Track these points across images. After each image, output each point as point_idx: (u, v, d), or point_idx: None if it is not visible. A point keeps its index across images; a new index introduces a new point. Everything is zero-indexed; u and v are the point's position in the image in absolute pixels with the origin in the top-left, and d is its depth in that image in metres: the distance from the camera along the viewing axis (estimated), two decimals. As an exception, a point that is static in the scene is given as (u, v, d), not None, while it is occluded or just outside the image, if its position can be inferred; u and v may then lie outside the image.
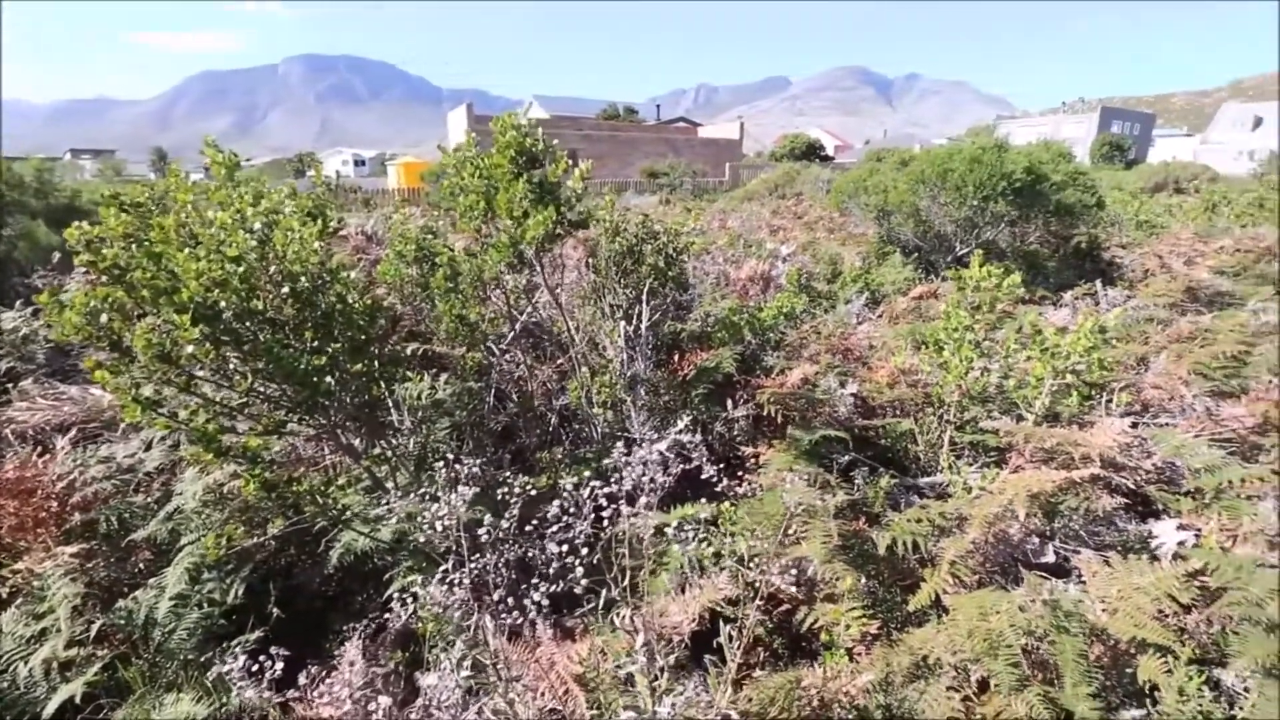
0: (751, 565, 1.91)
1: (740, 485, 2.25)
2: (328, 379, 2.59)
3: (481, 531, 1.66)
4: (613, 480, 1.67)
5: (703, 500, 2.63)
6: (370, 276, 4.14)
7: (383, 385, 2.99)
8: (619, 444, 1.88)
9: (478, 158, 3.01)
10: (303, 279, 2.71)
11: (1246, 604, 1.98)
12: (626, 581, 1.58)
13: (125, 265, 2.10)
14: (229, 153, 2.85)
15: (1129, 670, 2.16)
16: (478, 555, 1.80)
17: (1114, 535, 2.70)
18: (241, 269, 2.55)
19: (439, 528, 1.57)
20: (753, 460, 3.36)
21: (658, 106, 55.25)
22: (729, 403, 3.83)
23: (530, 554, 1.65)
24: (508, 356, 3.61)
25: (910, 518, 2.69)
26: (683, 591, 2.34)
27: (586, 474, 1.74)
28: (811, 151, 41.48)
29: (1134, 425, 3.26)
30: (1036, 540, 2.62)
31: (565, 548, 1.53)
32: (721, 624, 1.75)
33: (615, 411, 3.43)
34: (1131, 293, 6.37)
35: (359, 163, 68.48)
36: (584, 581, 1.47)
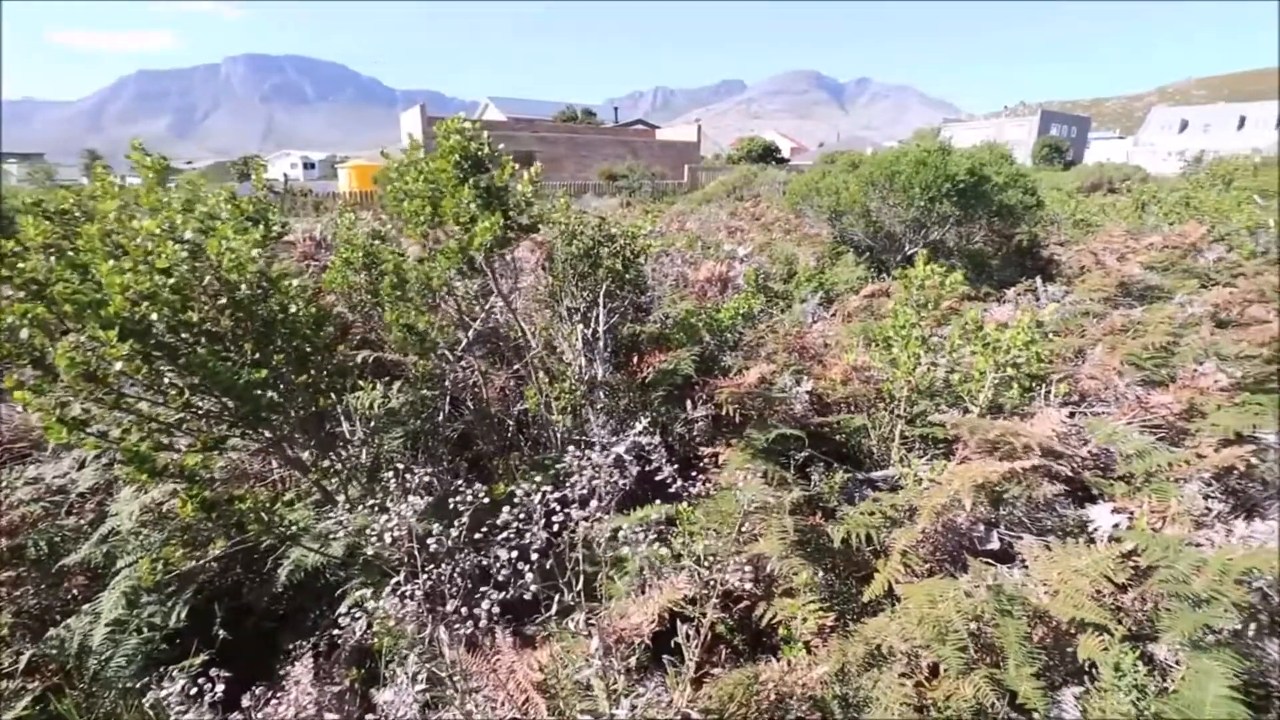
0: (709, 564, 1.93)
1: (697, 485, 2.27)
2: (270, 391, 2.50)
3: (432, 541, 1.62)
4: (566, 486, 1.66)
5: (658, 502, 2.64)
6: (319, 284, 4.03)
7: (331, 396, 2.91)
8: (571, 449, 1.87)
9: (422, 162, 2.96)
10: (242, 288, 2.62)
11: (1174, 581, 2.08)
12: (580, 585, 1.57)
13: (45, 279, 1.99)
14: (157, 156, 2.73)
15: (1070, 649, 2.25)
16: (431, 566, 1.77)
17: (1054, 520, 2.82)
18: (172, 280, 2.45)
19: (388, 540, 1.53)
20: (711, 460, 3.39)
21: (615, 109, 55.33)
22: (688, 404, 3.86)
23: (485, 563, 1.62)
24: (463, 363, 3.55)
25: (863, 510, 2.76)
26: (643, 593, 2.35)
27: (539, 479, 1.72)
28: (768, 154, 42.18)
29: (1071, 415, 3.41)
30: (982, 528, 2.71)
31: (515, 554, 1.51)
32: (679, 624, 1.76)
33: (574, 416, 3.41)
34: (1069, 288, 6.66)
35: (309, 165, 66.44)
36: (534, 588, 1.46)
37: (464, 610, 1.49)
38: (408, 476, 1.74)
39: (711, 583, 1.74)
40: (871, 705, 2.00)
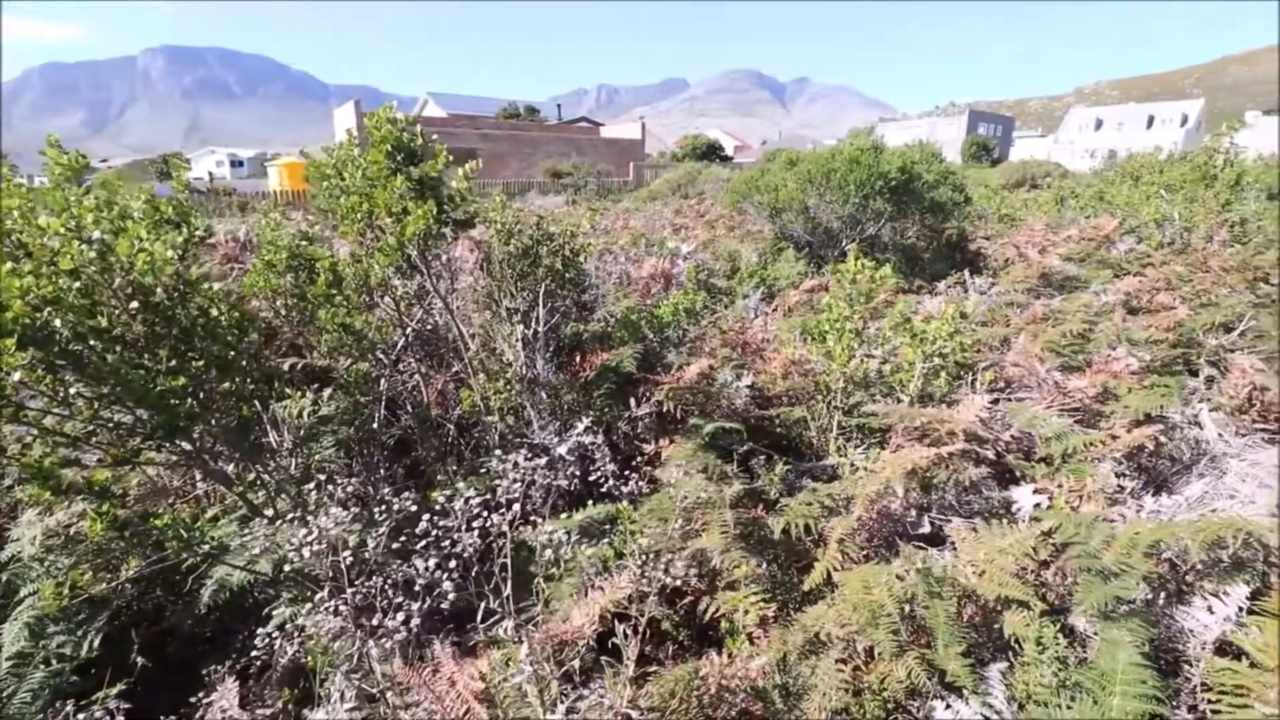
0: (650, 562, 1.93)
1: (630, 484, 2.26)
2: (189, 401, 2.36)
3: (357, 552, 1.56)
4: (498, 490, 1.63)
5: (591, 502, 2.63)
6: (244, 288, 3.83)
7: (256, 404, 2.77)
8: (498, 452, 1.83)
9: (361, 157, 2.86)
10: (158, 291, 2.47)
11: (1086, 556, 2.21)
12: (509, 591, 1.54)
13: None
14: (75, 154, 2.54)
15: (997, 626, 2.36)
16: (360, 578, 1.71)
17: (982, 503, 2.95)
18: (79, 284, 2.29)
19: (306, 554, 1.47)
20: (655, 456, 3.40)
21: (559, 106, 54.81)
22: (632, 401, 3.86)
23: (414, 573, 1.57)
24: (400, 366, 3.45)
25: (802, 501, 2.82)
26: (586, 594, 2.33)
27: (462, 485, 1.68)
28: (712, 151, 42.63)
29: (996, 401, 3.58)
30: (915, 513, 2.81)
31: (434, 563, 1.47)
32: (616, 624, 1.75)
33: (516, 417, 3.36)
34: (995, 280, 6.99)
35: (236, 163, 63.17)
36: (452, 596, 1.42)
37: (392, 623, 1.44)
38: (331, 487, 1.66)
39: (650, 580, 1.74)
40: (811, 692, 2.05)
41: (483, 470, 2.36)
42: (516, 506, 1.57)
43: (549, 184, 24.62)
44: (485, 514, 1.57)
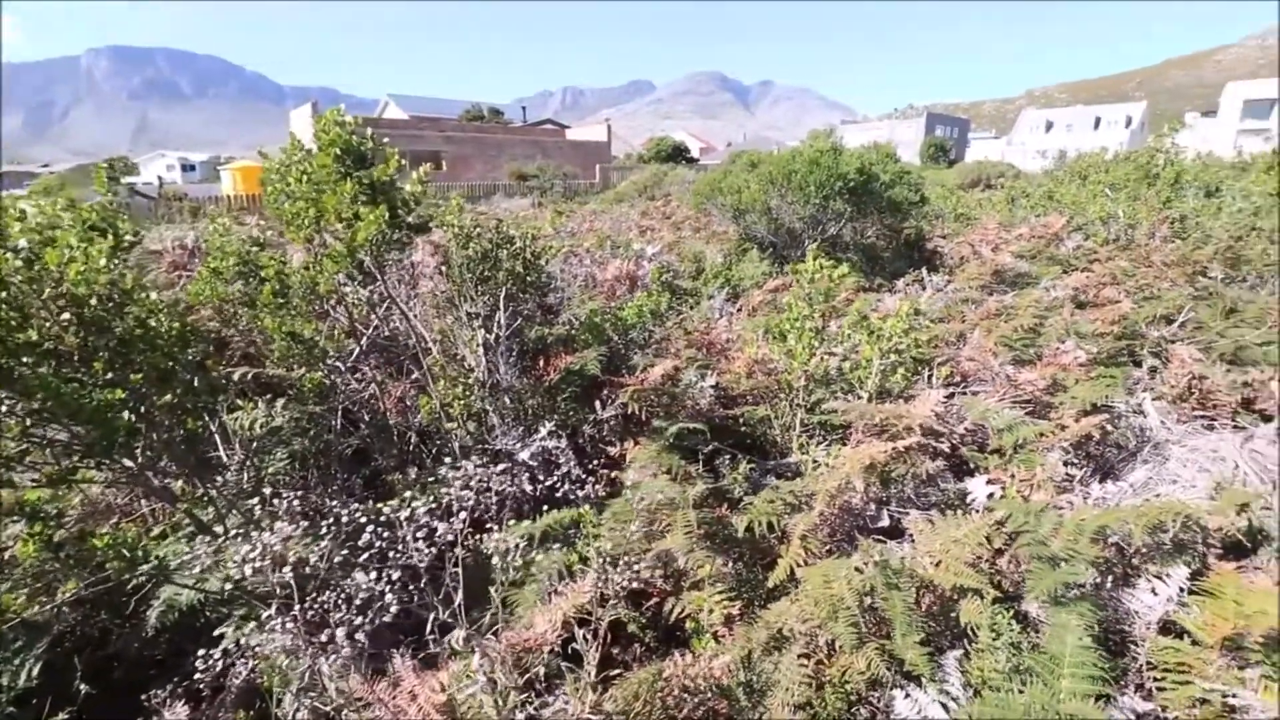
0: (614, 564, 1.92)
1: (587, 488, 2.25)
2: (128, 415, 2.27)
3: (309, 567, 1.52)
4: (448, 499, 1.60)
5: (548, 507, 2.61)
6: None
7: (204, 417, 2.68)
8: (447, 460, 1.80)
9: (303, 161, 2.79)
10: (92, 302, 2.37)
11: (1035, 544, 2.28)
12: (460, 599, 1.51)
13: None
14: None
15: (954, 614, 2.42)
16: (313, 593, 1.66)
17: (938, 495, 3.02)
18: (5, 295, 2.18)
19: (248, 571, 1.42)
20: (620, 459, 3.39)
21: (523, 108, 54.43)
22: (598, 404, 3.85)
23: (366, 586, 1.53)
24: (357, 374, 3.37)
25: (765, 499, 2.84)
26: (549, 600, 2.31)
27: (409, 494, 1.65)
28: (678, 153, 42.88)
29: (951, 395, 3.67)
30: (874, 507, 2.86)
31: (374, 576, 1.44)
32: (576, 629, 1.74)
33: (478, 423, 3.32)
34: (951, 277, 7.17)
35: (188, 167, 61.02)
36: (394, 609, 1.39)
37: (339, 638, 1.41)
38: (276, 501, 1.61)
39: (611, 583, 1.73)
40: (774, 688, 2.06)
41: (432, 480, 2.31)
42: (464, 515, 1.54)
43: (514, 186, 24.43)
44: (434, 524, 1.54)
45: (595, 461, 3.16)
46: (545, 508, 2.63)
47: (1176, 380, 4.24)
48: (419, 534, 1.53)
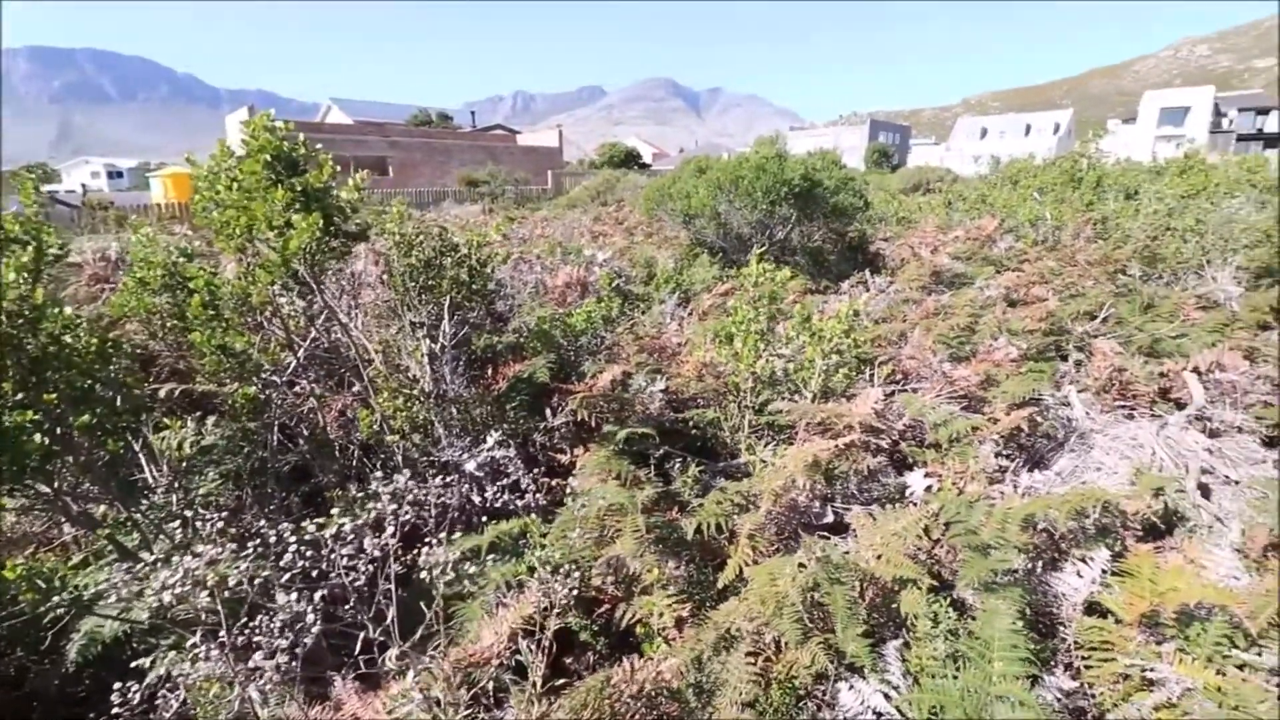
0: (555, 573, 1.91)
1: (527, 497, 2.24)
2: (41, 438, 2.14)
3: (237, 590, 1.46)
4: (376, 514, 1.56)
5: (486, 518, 2.57)
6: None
7: (128, 438, 2.55)
8: (378, 475, 1.76)
9: (233, 167, 2.69)
10: (-1, 320, 2.23)
11: (967, 534, 2.37)
12: (393, 616, 1.48)
13: None
14: None
15: (895, 605, 2.49)
16: (243, 618, 1.59)
17: (880, 489, 3.12)
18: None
19: (168, 598, 1.35)
20: (571, 465, 3.38)
21: (473, 113, 53.68)
22: (548, 411, 3.83)
23: (299, 609, 1.48)
24: (295, 388, 3.26)
25: (713, 500, 2.87)
26: (496, 613, 2.28)
27: (335, 512, 1.60)
28: (630, 159, 43.08)
29: (891, 393, 3.79)
30: (819, 504, 2.93)
31: (295, 596, 1.39)
32: (521, 640, 1.72)
33: (425, 434, 3.25)
34: (893, 279, 7.42)
35: (115, 174, 57.78)
36: (315, 630, 1.35)
37: (264, 663, 1.35)
38: (200, 524, 1.55)
39: (554, 593, 1.72)
40: (723, 688, 2.09)
41: (363, 495, 2.24)
42: (392, 530, 1.51)
43: (464, 192, 24.07)
44: (364, 540, 1.50)
45: (540, 469, 3.13)
46: (490, 519, 2.60)
47: (1099, 373, 4.49)
48: (344, 551, 1.49)
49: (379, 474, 1.81)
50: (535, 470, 3.42)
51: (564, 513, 2.71)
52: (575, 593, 2.45)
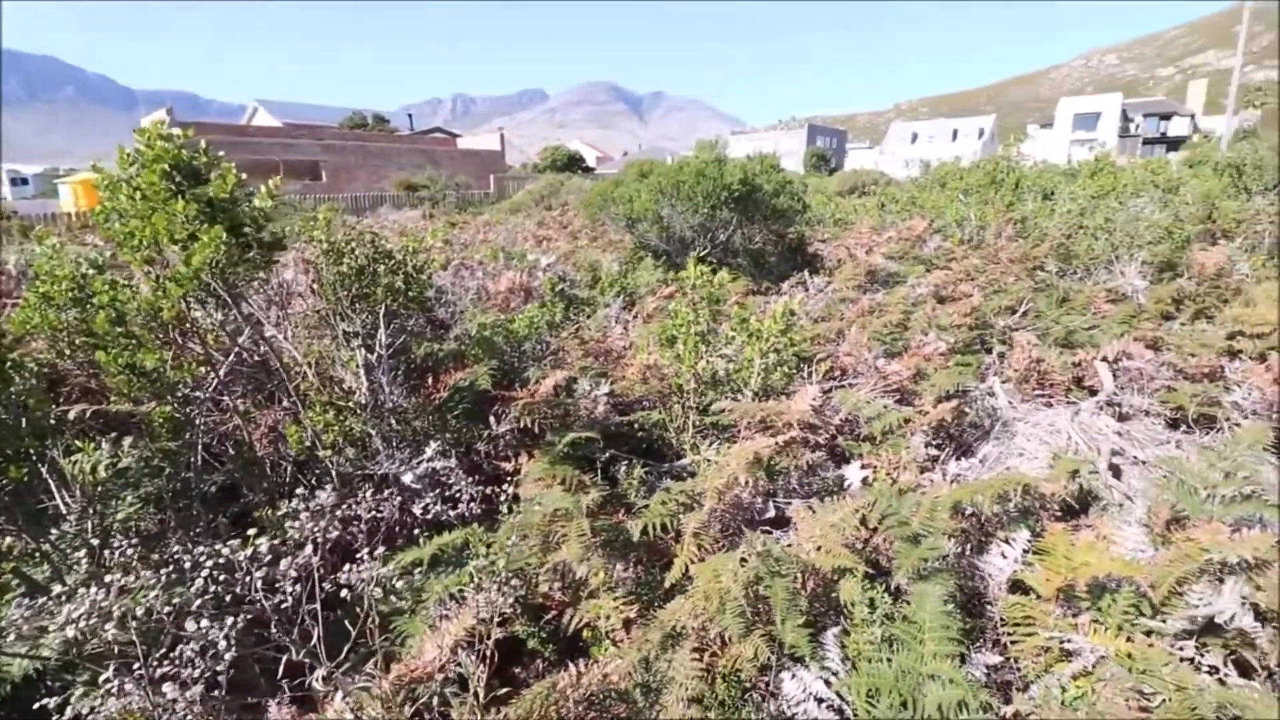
0: (495, 583, 1.89)
1: (461, 506, 2.21)
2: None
3: (146, 622, 1.39)
4: (305, 532, 1.51)
5: (417, 532, 2.54)
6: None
7: (34, 463, 2.38)
8: (299, 491, 1.71)
9: (134, 176, 2.55)
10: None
11: (899, 523, 2.48)
12: (318, 637, 1.44)
13: None
14: None
15: (834, 595, 2.58)
16: (165, 650, 1.52)
17: (820, 483, 3.21)
18: None
19: (71, 633, 1.27)
20: (516, 473, 3.35)
21: (410, 116, 52.42)
22: (491, 419, 3.78)
23: (215, 636, 1.42)
24: (220, 405, 3.11)
25: (659, 501, 2.90)
26: (440, 624, 2.24)
27: (252, 533, 1.55)
28: (574, 163, 42.95)
29: (829, 390, 3.92)
30: (761, 500, 3.00)
31: (205, 623, 1.34)
32: (460, 653, 1.70)
33: (362, 447, 3.16)
34: (831, 279, 7.65)
35: (18, 180, 53.56)
36: (229, 656, 1.31)
37: (173, 693, 1.29)
38: (108, 553, 1.46)
39: (494, 603, 1.71)
40: (669, 685, 2.11)
41: (287, 513, 2.16)
42: (310, 548, 1.47)
43: (403, 198, 23.47)
44: (282, 560, 1.45)
45: (483, 478, 3.09)
46: (434, 531, 2.55)
47: (1020, 364, 4.75)
48: (258, 575, 1.43)
49: (313, 490, 1.75)
50: (479, 479, 3.37)
51: (507, 521, 2.68)
52: (519, 601, 2.43)
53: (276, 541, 1.48)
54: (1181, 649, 2.33)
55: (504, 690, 1.94)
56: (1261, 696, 2.09)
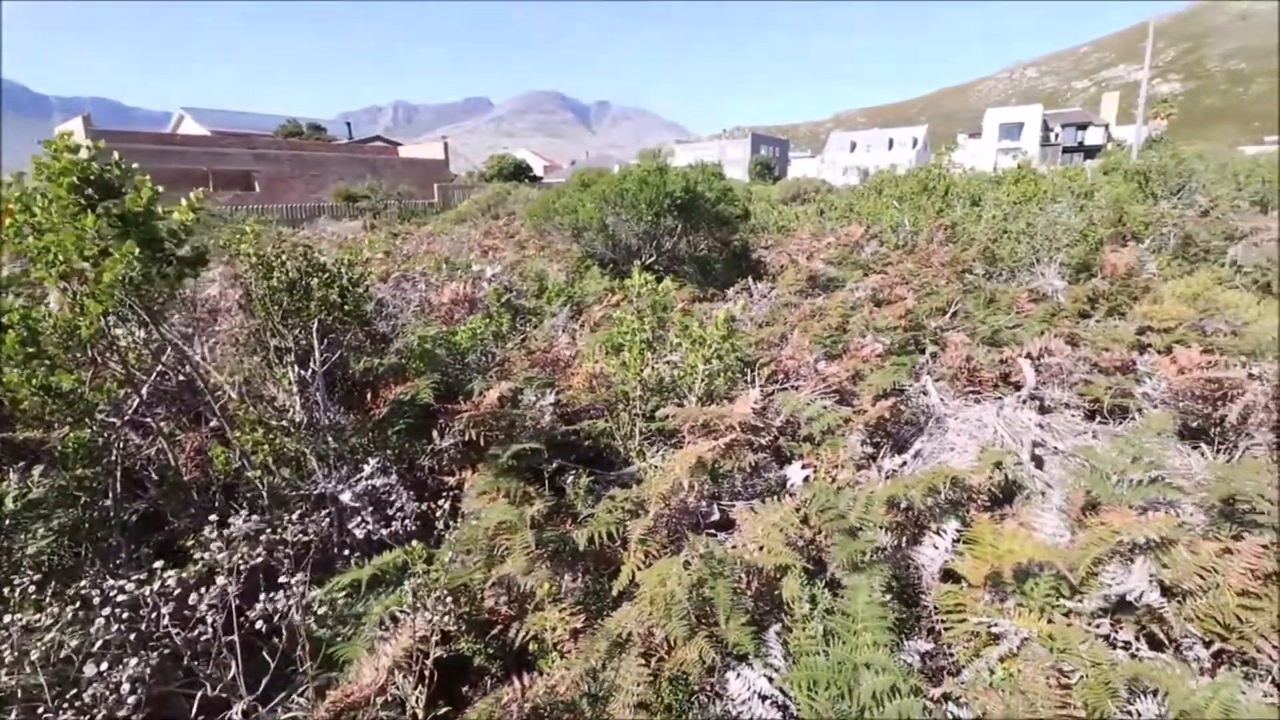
0: (435, 597, 1.86)
1: (396, 524, 2.17)
2: None
3: (57, 661, 1.31)
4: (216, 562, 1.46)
5: (352, 555, 2.48)
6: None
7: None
8: (213, 518, 1.65)
9: (46, 188, 2.41)
10: None
11: (835, 518, 2.56)
12: (234, 673, 1.39)
13: None
14: None
15: (778, 592, 2.64)
16: (74, 690, 1.43)
17: (763, 484, 3.29)
18: None
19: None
20: (459, 487, 3.30)
21: (349, 124, 50.98)
22: (435, 433, 3.71)
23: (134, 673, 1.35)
24: (142, 429, 2.95)
25: (605, 509, 2.91)
26: (379, 646, 2.18)
27: (158, 565, 1.49)
28: (521, 172, 42.64)
29: (771, 392, 4.01)
30: (706, 503, 3.04)
31: (105, 665, 1.28)
32: (396, 674, 1.66)
33: (297, 467, 3.06)
34: (774, 284, 7.84)
35: (-83, 194, 49.60)
36: (133, 700, 1.25)
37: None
38: (6, 591, 1.37)
39: (429, 621, 1.68)
40: (616, 693, 2.12)
41: (191, 543, 2.05)
42: (222, 578, 1.42)
43: (342, 208, 22.79)
44: (194, 591, 1.40)
45: (426, 494, 3.04)
46: (376, 550, 2.49)
47: (951, 362, 4.98)
48: (165, 610, 1.37)
49: (212, 518, 1.69)
50: (427, 494, 3.31)
51: (449, 537, 2.64)
52: (463, 618, 2.40)
53: (186, 574, 1.41)
54: (1098, 626, 2.48)
55: (447, 710, 1.91)
56: (1169, 667, 2.25)
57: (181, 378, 3.32)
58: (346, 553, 2.58)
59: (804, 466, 3.26)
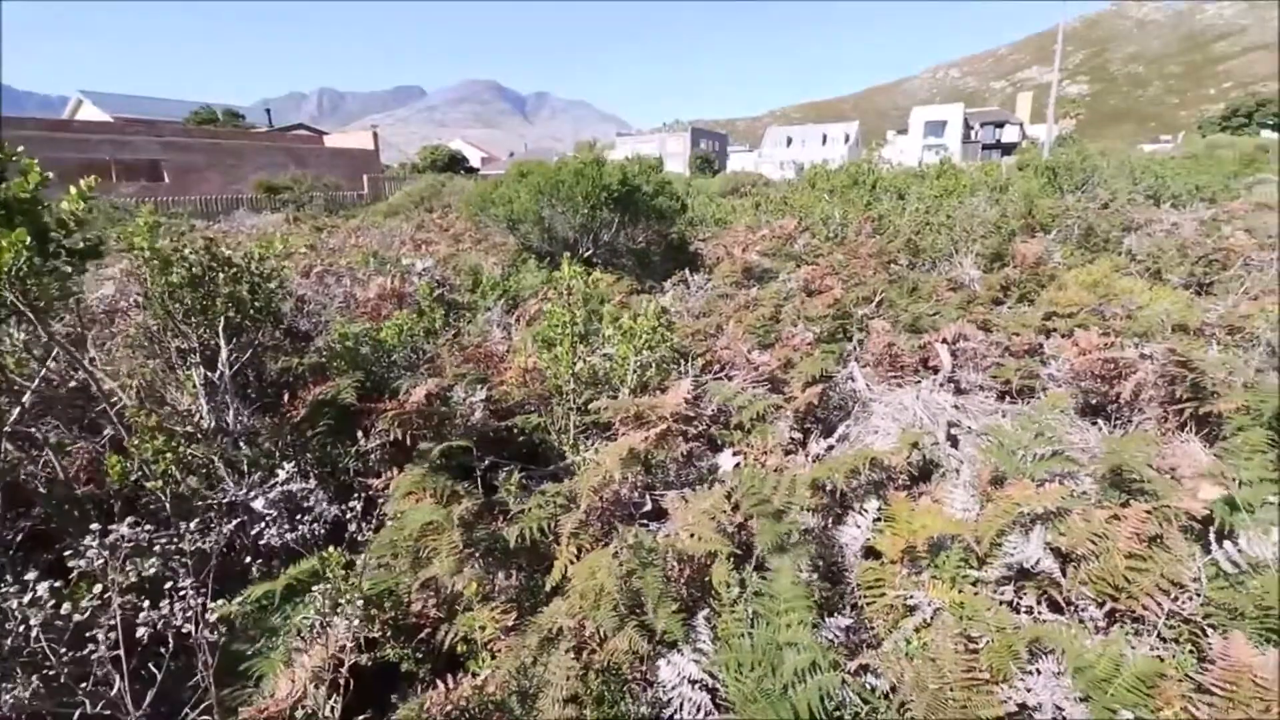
0: (338, 607, 1.79)
1: (303, 528, 2.09)
2: None
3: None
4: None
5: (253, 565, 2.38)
6: None
7: None
8: (94, 526, 1.55)
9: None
10: None
11: (760, 502, 2.62)
12: (120, 687, 1.31)
13: None
14: None
15: (707, 579, 2.68)
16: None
17: (695, 472, 3.33)
18: None
19: None
20: (385, 489, 3.20)
21: (269, 111, 48.17)
22: (360, 434, 3.58)
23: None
24: (24, 441, 2.71)
25: (536, 504, 2.88)
26: (295, 658, 2.09)
27: (31, 578, 1.38)
28: (456, 163, 41.59)
29: (705, 382, 4.06)
30: (639, 494, 3.06)
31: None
32: (312, 688, 1.60)
33: (206, 475, 2.88)
34: (710, 276, 7.94)
35: None
36: None
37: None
38: None
39: (341, 628, 1.62)
40: (546, 688, 2.10)
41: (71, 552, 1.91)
42: (103, 590, 1.33)
43: (263, 200, 21.61)
44: (64, 609, 1.30)
45: (355, 497, 2.92)
46: (280, 561, 2.38)
47: (875, 349, 5.17)
48: (35, 621, 1.27)
49: (94, 526, 1.58)
50: (356, 497, 3.19)
51: (373, 541, 2.56)
52: (389, 623, 2.33)
53: (77, 592, 1.32)
54: (1002, 593, 2.65)
55: (369, 717, 1.85)
56: (1066, 628, 2.42)
57: (73, 383, 3.07)
58: (260, 562, 2.45)
59: (735, 454, 3.32)
